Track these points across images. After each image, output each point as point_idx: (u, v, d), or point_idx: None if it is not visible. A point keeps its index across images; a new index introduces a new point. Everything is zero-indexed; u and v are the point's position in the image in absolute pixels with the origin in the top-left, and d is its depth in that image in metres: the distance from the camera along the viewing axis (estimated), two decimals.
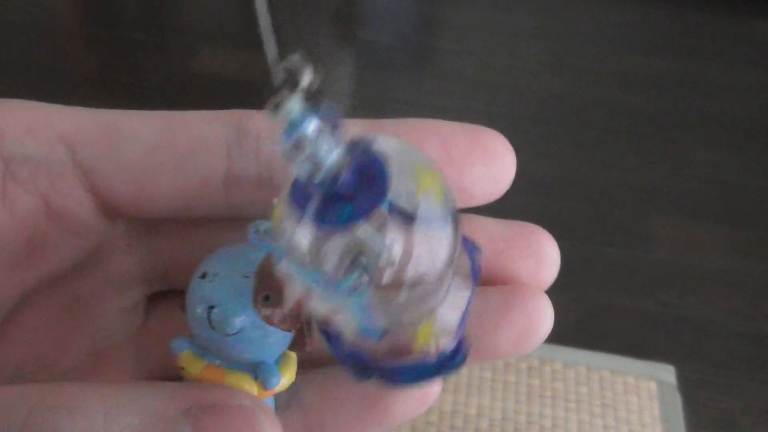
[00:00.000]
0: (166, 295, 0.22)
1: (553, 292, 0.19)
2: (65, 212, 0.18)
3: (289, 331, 0.18)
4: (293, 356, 0.19)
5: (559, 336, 0.73)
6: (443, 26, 1.47)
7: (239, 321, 0.17)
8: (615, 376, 0.67)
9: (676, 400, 0.66)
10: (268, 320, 0.17)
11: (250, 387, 0.18)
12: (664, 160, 1.06)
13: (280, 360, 0.18)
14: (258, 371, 0.18)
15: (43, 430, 0.13)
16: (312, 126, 0.12)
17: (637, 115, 1.15)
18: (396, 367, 0.17)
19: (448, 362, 0.17)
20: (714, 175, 1.04)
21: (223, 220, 0.21)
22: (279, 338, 0.18)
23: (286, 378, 0.18)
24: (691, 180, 1.03)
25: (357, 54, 1.38)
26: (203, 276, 0.18)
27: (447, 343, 0.17)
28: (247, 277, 0.18)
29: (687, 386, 0.69)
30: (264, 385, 0.18)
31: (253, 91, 1.30)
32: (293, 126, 0.12)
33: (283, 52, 0.15)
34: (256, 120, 0.19)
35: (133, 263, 0.20)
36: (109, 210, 0.19)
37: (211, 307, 0.17)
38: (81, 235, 0.19)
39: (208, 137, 0.18)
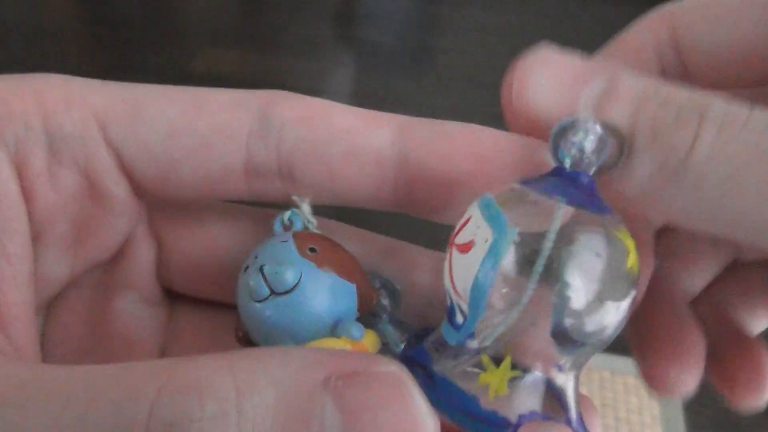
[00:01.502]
0: (188, 305, 0.22)
1: None
2: (104, 191, 0.18)
3: (350, 280, 0.17)
4: (372, 333, 0.17)
5: None
6: (443, 26, 1.47)
7: (292, 271, 0.16)
8: (615, 376, 0.67)
9: (676, 400, 0.66)
10: (321, 263, 0.17)
11: (339, 345, 0.16)
12: None
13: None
14: (338, 328, 0.17)
15: (172, 414, 0.12)
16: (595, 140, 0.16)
17: None
18: (444, 384, 0.16)
19: (488, 422, 0.16)
20: None
21: (229, 221, 0.21)
22: (342, 291, 0.17)
23: (369, 337, 0.17)
24: None
25: (357, 54, 1.38)
26: (245, 269, 0.17)
27: (504, 408, 0.16)
28: (284, 241, 0.17)
29: None
30: (349, 335, 0.16)
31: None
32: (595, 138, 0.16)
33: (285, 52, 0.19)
34: (282, 107, 0.18)
35: (151, 254, 0.21)
36: (139, 190, 0.19)
37: (262, 266, 0.17)
38: (119, 216, 0.19)
39: (230, 124, 0.18)
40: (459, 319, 0.15)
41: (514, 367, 0.15)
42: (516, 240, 0.15)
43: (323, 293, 0.17)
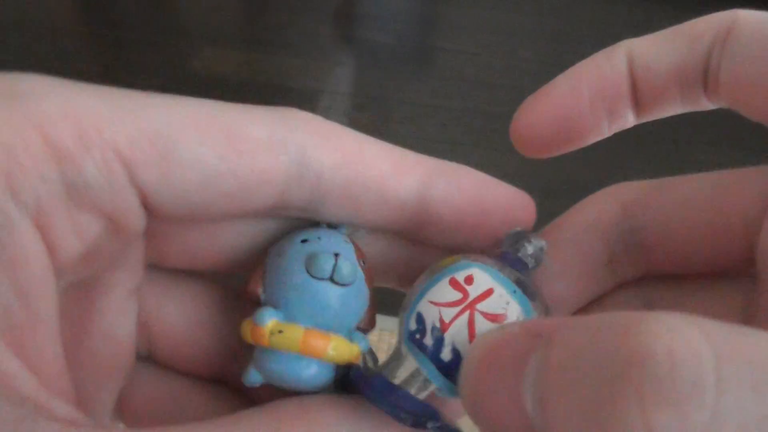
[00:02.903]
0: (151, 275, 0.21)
1: None
2: (127, 229, 0.18)
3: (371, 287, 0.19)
4: None
5: None
6: (443, 26, 1.47)
7: (354, 274, 0.18)
8: None
9: None
10: (367, 278, 0.19)
11: (352, 349, 0.18)
12: (665, 160, 1.06)
13: None
14: (354, 335, 0.19)
15: None
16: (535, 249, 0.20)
17: None
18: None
19: None
20: None
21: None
22: (365, 304, 0.19)
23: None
24: None
25: (357, 54, 1.38)
26: (304, 240, 0.19)
27: None
28: (346, 242, 0.19)
29: None
30: (360, 343, 0.18)
31: (252, 90, 1.30)
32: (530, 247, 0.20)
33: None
34: (320, 152, 0.18)
35: (142, 251, 0.20)
36: (158, 220, 0.18)
37: (337, 255, 0.18)
38: (135, 242, 0.19)
39: (270, 168, 0.18)
40: None
41: None
42: None
43: (358, 301, 0.19)
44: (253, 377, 0.18)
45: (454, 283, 0.18)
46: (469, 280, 0.18)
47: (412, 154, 0.20)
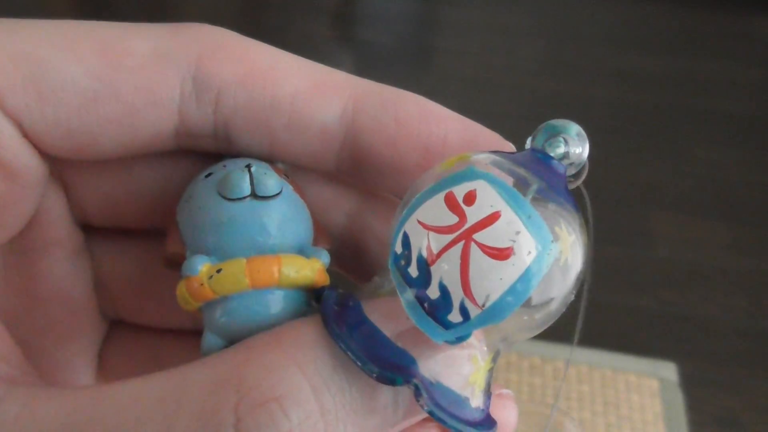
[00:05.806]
0: (103, 238, 0.20)
1: None
2: (10, 165, 0.15)
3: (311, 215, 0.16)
4: None
5: (560, 334, 0.73)
6: (443, 26, 1.47)
7: (277, 180, 0.15)
8: (616, 374, 0.67)
9: (678, 398, 0.66)
10: (295, 188, 0.16)
11: (312, 264, 0.15)
12: (664, 158, 1.06)
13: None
14: (307, 250, 0.16)
15: None
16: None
17: (636, 113, 1.15)
18: (438, 389, 0.14)
19: (484, 423, 0.15)
20: (713, 172, 1.04)
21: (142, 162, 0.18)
22: (306, 219, 0.16)
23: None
24: (691, 177, 1.03)
25: (357, 54, 1.38)
26: (209, 175, 0.16)
27: (482, 401, 0.15)
28: (259, 162, 0.16)
29: (689, 384, 0.69)
30: (319, 257, 0.15)
31: None
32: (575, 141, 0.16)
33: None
34: (218, 65, 0.16)
35: (62, 201, 0.18)
36: (48, 156, 0.16)
37: (249, 165, 0.15)
38: (30, 185, 0.16)
39: (158, 86, 0.15)
40: (454, 318, 0.14)
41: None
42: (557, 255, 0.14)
43: (297, 212, 0.16)
44: (210, 342, 0.15)
45: (450, 201, 0.14)
46: (470, 197, 0.14)
47: (340, 73, 0.17)
